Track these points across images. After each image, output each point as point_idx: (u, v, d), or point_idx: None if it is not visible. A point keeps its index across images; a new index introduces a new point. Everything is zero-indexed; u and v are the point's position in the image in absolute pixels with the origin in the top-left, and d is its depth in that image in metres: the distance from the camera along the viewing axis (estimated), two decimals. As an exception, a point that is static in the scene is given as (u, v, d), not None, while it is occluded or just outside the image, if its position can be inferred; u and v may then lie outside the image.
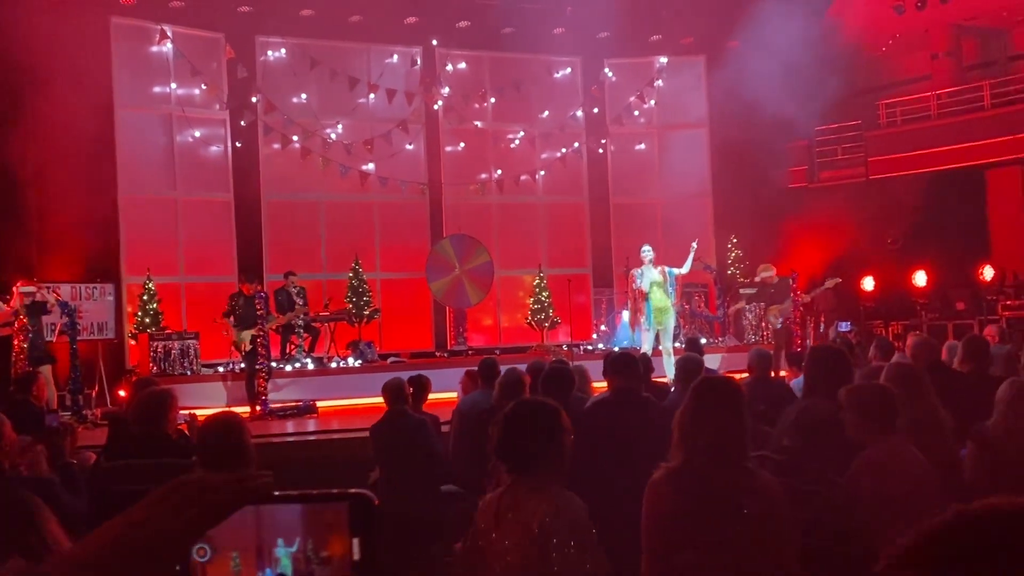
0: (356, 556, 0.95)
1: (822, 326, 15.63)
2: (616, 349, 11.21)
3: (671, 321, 12.08)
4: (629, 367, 5.22)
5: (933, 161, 17.61)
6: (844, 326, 15.51)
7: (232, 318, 11.92)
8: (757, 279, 13.93)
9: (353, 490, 0.98)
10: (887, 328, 16.67)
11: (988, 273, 16.90)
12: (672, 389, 7.24)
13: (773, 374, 8.46)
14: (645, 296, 11.90)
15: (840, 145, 18.62)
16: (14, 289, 11.17)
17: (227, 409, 9.73)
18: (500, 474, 3.19)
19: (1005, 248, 17.63)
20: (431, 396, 7.93)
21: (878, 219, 17.94)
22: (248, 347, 11.75)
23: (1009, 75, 18.25)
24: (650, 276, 11.92)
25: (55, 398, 11.08)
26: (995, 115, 17.27)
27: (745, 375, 7.57)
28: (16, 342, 10.90)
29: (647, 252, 12.08)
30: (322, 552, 0.96)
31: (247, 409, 11.53)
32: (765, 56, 15.21)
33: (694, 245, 12.60)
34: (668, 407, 5.89)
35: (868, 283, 17.62)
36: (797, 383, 7.09)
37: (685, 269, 12.49)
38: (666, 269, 12.03)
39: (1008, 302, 16.05)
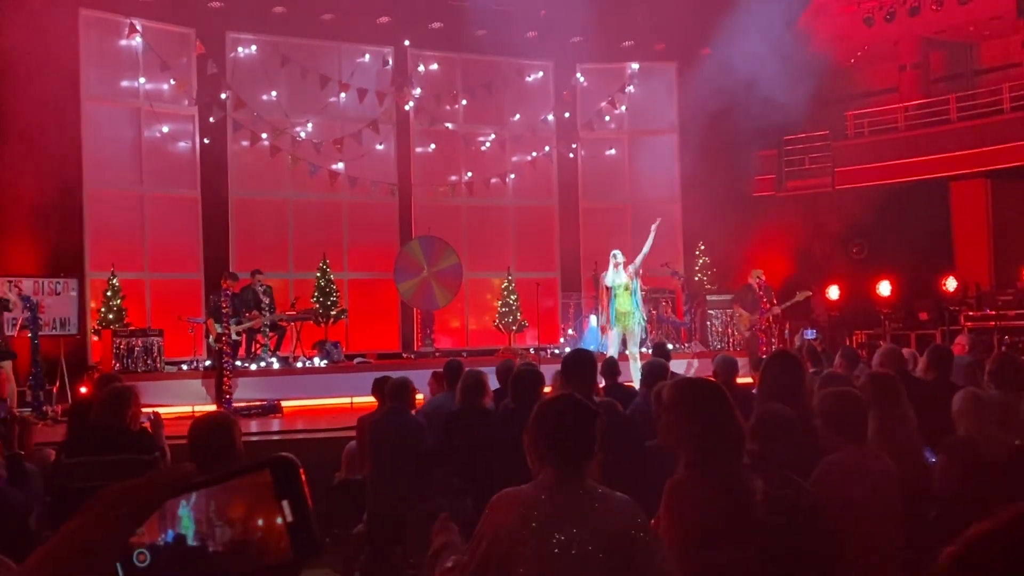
0: (289, 518, 0.97)
1: (787, 332, 15.77)
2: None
3: (636, 326, 12.10)
4: (580, 371, 5.16)
5: (899, 172, 17.82)
6: (810, 334, 15.65)
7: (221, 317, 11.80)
8: (752, 281, 14.09)
9: (273, 455, 1.00)
10: (851, 337, 16.83)
11: (951, 284, 17.12)
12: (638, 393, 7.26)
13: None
14: (610, 293, 11.92)
15: (808, 155, 18.78)
16: None
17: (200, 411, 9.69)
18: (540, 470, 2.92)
19: (968, 260, 17.88)
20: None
21: (844, 229, 18.14)
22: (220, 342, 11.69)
23: (975, 89, 18.51)
24: (617, 279, 11.95)
25: (15, 394, 10.91)
26: (961, 128, 17.51)
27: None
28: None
29: (614, 256, 12.08)
30: (226, 513, 0.96)
31: (212, 408, 11.43)
32: (736, 64, 15.32)
33: (654, 227, 12.48)
34: (632, 411, 5.93)
35: (833, 292, 17.79)
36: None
37: (646, 248, 12.37)
38: (630, 268, 11.99)
39: (971, 313, 16.27)
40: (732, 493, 3.00)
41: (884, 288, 17.45)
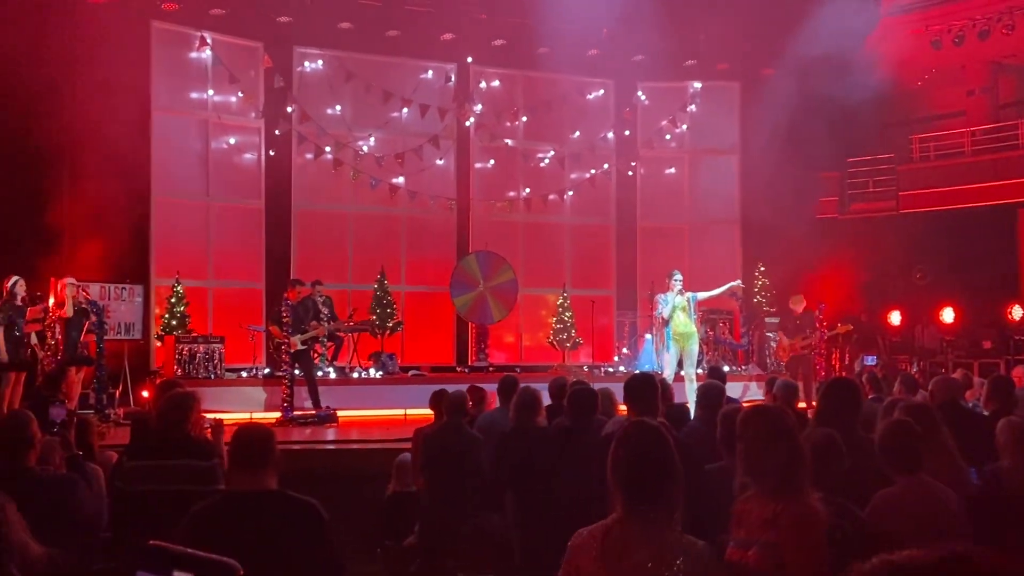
0: None
1: (846, 358, 15.56)
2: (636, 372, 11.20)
3: (694, 347, 12.04)
4: (644, 395, 5.12)
5: (965, 198, 17.51)
6: (870, 360, 15.42)
7: (282, 325, 12.00)
8: (793, 307, 13.99)
9: (134, 552, 1.11)
10: (912, 364, 16.52)
11: (1017, 313, 16.74)
12: (692, 415, 7.21)
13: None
14: (665, 323, 11.92)
15: (872, 178, 18.54)
16: (61, 284, 11.26)
17: (256, 419, 9.91)
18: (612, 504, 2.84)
19: (1035, 288, 17.48)
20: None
21: (907, 253, 17.84)
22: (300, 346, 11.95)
23: (1045, 114, 18.14)
24: (674, 302, 11.91)
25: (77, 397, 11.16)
26: (1030, 154, 17.16)
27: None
28: (48, 337, 11.00)
29: (679, 280, 12.03)
30: None
31: (279, 415, 11.61)
32: (800, 85, 15.20)
33: (737, 283, 12.67)
34: (686, 434, 5.88)
35: (895, 317, 17.49)
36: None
37: (710, 294, 12.44)
38: (689, 295, 12.02)
39: (1035, 343, 15.90)
40: (820, 516, 3.00)
41: (947, 315, 17.12)
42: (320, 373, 13.14)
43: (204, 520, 3.47)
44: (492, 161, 17.03)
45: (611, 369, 15.62)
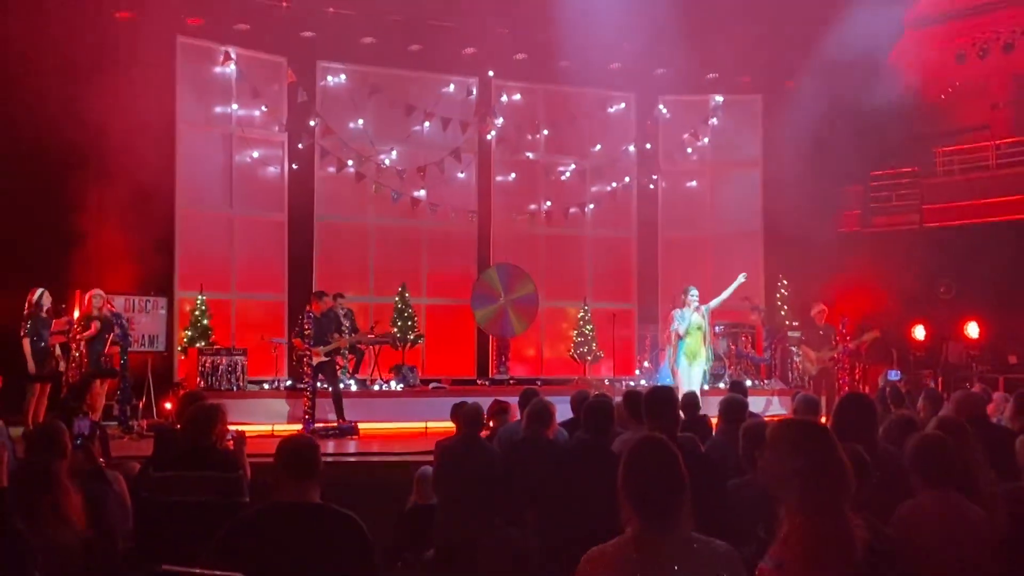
0: None
1: (868, 373, 15.42)
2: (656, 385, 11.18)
3: (699, 368, 12.17)
4: (662, 409, 5.09)
5: (989, 211, 17.37)
6: (894, 375, 15.28)
7: (304, 337, 12.04)
8: (814, 313, 13.92)
9: None
10: (937, 379, 16.37)
11: (1043, 327, 16.56)
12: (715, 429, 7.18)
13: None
14: (680, 338, 11.99)
15: (895, 191, 18.43)
16: (87, 296, 11.36)
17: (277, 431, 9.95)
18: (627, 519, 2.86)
19: (1061, 302, 17.27)
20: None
21: (931, 267, 17.70)
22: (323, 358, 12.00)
23: (1071, 128, 17.98)
24: (691, 319, 11.97)
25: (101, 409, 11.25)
26: (1055, 167, 17.01)
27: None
28: (73, 349, 11.10)
29: (695, 296, 12.06)
30: None
31: (297, 428, 11.63)
32: (822, 98, 15.15)
33: (741, 278, 12.62)
34: (709, 448, 5.86)
35: (919, 332, 17.35)
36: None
37: (721, 299, 12.48)
38: (704, 309, 12.08)
39: (1062, 358, 15.72)
40: (839, 536, 2.92)
41: (972, 330, 16.97)
42: (341, 386, 13.17)
43: (248, 529, 3.47)
44: (513, 174, 17.06)
45: (632, 382, 15.57)
